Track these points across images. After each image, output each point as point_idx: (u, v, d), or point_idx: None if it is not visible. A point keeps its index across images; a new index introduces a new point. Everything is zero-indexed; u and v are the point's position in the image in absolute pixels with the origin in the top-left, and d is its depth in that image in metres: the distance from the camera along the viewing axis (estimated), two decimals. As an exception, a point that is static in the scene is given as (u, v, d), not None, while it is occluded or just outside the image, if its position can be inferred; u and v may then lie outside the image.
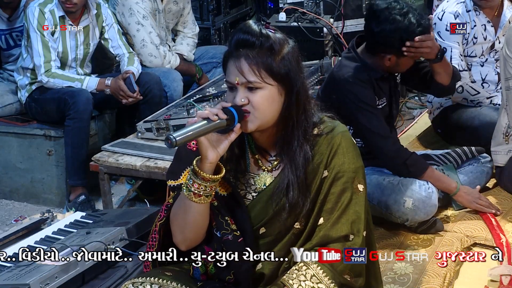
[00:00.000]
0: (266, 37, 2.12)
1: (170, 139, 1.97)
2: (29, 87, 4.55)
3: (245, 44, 2.11)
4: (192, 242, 2.21)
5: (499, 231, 3.28)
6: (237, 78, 2.11)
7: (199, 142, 2.05)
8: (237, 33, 2.14)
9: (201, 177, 2.08)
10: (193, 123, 2.03)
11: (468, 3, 4.00)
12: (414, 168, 3.33)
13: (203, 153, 2.06)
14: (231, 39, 2.15)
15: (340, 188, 2.21)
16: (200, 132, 2.02)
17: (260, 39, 2.11)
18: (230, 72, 2.13)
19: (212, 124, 2.04)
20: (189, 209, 2.13)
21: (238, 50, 2.12)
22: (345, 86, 3.30)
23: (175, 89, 4.73)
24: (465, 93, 4.04)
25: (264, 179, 2.25)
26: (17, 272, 2.67)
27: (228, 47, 2.15)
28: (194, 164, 2.08)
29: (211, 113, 2.04)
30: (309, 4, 5.31)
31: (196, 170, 2.07)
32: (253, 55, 2.10)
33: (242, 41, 2.12)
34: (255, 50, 2.11)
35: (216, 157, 2.07)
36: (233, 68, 2.12)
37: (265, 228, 2.25)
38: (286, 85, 2.14)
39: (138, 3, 4.79)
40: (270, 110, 2.13)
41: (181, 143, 1.99)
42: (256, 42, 2.11)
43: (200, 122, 2.03)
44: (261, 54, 2.11)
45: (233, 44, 2.13)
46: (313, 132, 2.23)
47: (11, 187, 4.65)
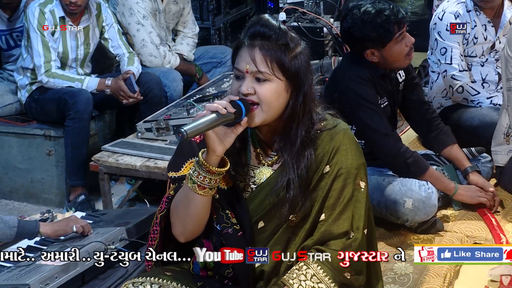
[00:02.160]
0: (284, 32, 2.14)
1: (181, 132, 1.99)
2: (29, 87, 4.55)
3: (262, 36, 2.13)
4: (192, 235, 2.21)
5: (499, 231, 3.28)
6: (248, 66, 2.12)
7: (207, 136, 2.05)
8: (255, 25, 2.15)
9: (207, 170, 2.08)
10: (203, 116, 2.04)
11: (468, 3, 4.00)
12: (415, 168, 3.33)
13: (210, 146, 2.07)
14: (247, 30, 2.16)
15: (342, 184, 2.21)
16: (210, 125, 2.04)
17: (278, 33, 2.13)
18: (242, 59, 2.14)
19: (221, 117, 2.05)
20: (192, 201, 2.13)
21: (253, 40, 2.13)
22: (347, 84, 3.31)
23: (175, 89, 4.74)
24: (465, 93, 4.03)
25: (264, 173, 2.26)
26: (17, 272, 2.67)
27: (241, 37, 2.16)
28: (200, 156, 2.09)
29: (220, 107, 2.05)
30: (309, 4, 5.31)
31: (202, 162, 2.08)
32: (268, 46, 2.12)
33: (260, 33, 2.13)
34: (271, 42, 2.12)
35: (223, 150, 2.09)
36: (246, 55, 2.13)
37: (263, 222, 2.25)
38: (294, 83, 2.15)
39: (138, 3, 4.79)
40: (275, 104, 2.14)
41: (191, 136, 2.01)
42: (273, 35, 2.13)
43: (209, 115, 2.04)
44: (276, 47, 2.12)
45: (250, 34, 2.14)
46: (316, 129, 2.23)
47: (11, 187, 4.65)
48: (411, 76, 3.57)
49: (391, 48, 3.29)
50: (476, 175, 3.53)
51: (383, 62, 3.33)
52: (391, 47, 3.29)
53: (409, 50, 3.31)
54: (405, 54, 3.31)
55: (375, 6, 3.26)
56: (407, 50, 3.31)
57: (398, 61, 3.33)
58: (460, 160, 3.57)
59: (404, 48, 3.30)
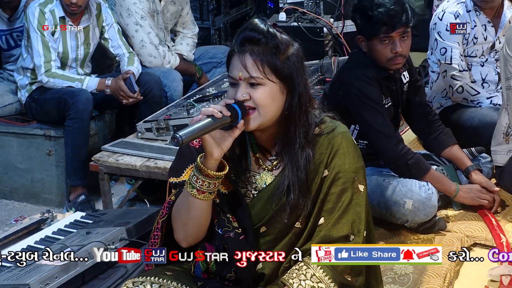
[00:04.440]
0: (272, 35, 2.14)
1: (176, 138, 1.98)
2: (29, 87, 4.55)
3: (251, 41, 2.13)
4: (194, 239, 2.21)
5: (499, 231, 3.28)
6: (240, 73, 2.12)
7: (203, 140, 2.05)
8: (244, 30, 2.15)
9: (206, 174, 2.08)
10: (198, 121, 2.04)
11: (468, 3, 4.00)
12: (416, 170, 3.33)
13: (207, 150, 2.07)
14: (237, 37, 2.16)
15: (341, 188, 2.21)
16: (205, 130, 2.03)
17: (267, 37, 2.13)
18: (234, 67, 2.14)
19: (216, 121, 2.05)
20: (192, 206, 2.13)
21: (243, 46, 2.13)
22: (352, 83, 3.31)
23: (175, 89, 4.74)
24: (465, 93, 4.03)
25: (265, 178, 2.26)
26: (17, 272, 2.67)
27: (233, 44, 2.16)
28: (198, 161, 2.09)
29: (215, 111, 2.05)
30: (309, 4, 5.31)
31: (201, 167, 2.08)
32: (258, 51, 2.12)
33: (249, 38, 2.13)
34: (260, 46, 2.12)
35: (221, 153, 2.08)
36: (237, 63, 2.13)
37: (265, 227, 2.26)
38: (289, 85, 2.15)
39: (136, 4, 4.79)
40: (271, 107, 2.14)
41: (187, 141, 2.00)
42: (262, 39, 2.12)
43: (205, 119, 2.04)
44: (266, 51, 2.12)
45: (239, 41, 2.14)
46: (314, 132, 2.23)
47: (11, 187, 4.65)
48: (414, 79, 3.57)
49: (375, 45, 3.29)
50: (478, 174, 3.53)
51: (369, 54, 3.34)
52: (374, 44, 3.29)
53: (392, 56, 3.28)
54: (388, 58, 3.29)
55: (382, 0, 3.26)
56: (390, 55, 3.28)
57: (381, 61, 3.32)
58: (461, 160, 3.56)
59: (388, 52, 3.27)
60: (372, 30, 3.26)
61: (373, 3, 3.25)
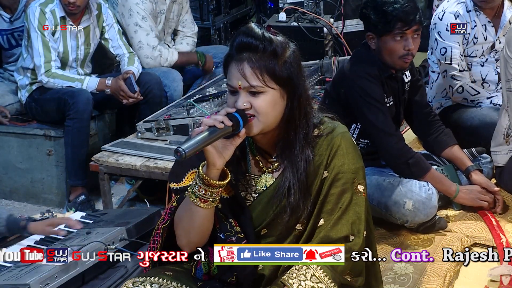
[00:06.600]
0: (269, 40, 2.11)
1: (179, 152, 1.97)
2: (29, 87, 4.55)
3: (248, 48, 2.10)
4: (197, 245, 2.21)
5: (499, 231, 3.28)
6: (240, 82, 2.10)
7: (206, 151, 2.04)
8: (240, 36, 2.13)
9: (208, 184, 2.08)
10: (200, 133, 2.03)
11: (468, 3, 4.00)
12: (416, 169, 3.33)
13: (210, 161, 2.06)
14: (233, 42, 2.14)
15: (340, 189, 2.20)
16: (208, 141, 2.02)
17: (264, 43, 2.10)
18: (232, 76, 2.12)
19: (218, 132, 2.04)
20: (195, 214, 2.13)
21: (240, 53, 2.11)
22: (354, 80, 3.31)
23: (175, 89, 4.74)
24: (465, 93, 4.03)
25: (265, 181, 2.25)
26: (17, 272, 2.67)
27: (229, 49, 2.14)
28: (201, 170, 2.09)
29: (217, 121, 2.04)
30: (309, 4, 5.31)
31: (203, 176, 2.08)
32: (256, 59, 2.09)
33: (245, 44, 2.10)
34: (258, 54, 2.10)
35: (223, 163, 2.08)
36: (236, 72, 2.11)
37: (266, 229, 2.26)
38: (289, 88, 2.14)
39: (138, 4, 4.79)
40: (273, 114, 2.13)
41: (190, 155, 1.99)
42: (260, 45, 2.10)
43: (207, 131, 2.03)
44: (264, 58, 2.10)
45: (236, 47, 2.12)
46: (314, 134, 2.23)
47: (11, 187, 4.65)
48: (415, 78, 3.57)
49: (387, 42, 3.28)
50: (478, 174, 3.52)
51: (378, 52, 3.33)
52: (386, 41, 3.28)
53: (405, 54, 3.28)
54: (399, 55, 3.28)
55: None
56: (402, 53, 3.28)
57: (391, 59, 3.31)
58: (461, 160, 3.56)
59: (400, 49, 3.27)
60: (387, 26, 3.24)
61: (385, 0, 3.25)
